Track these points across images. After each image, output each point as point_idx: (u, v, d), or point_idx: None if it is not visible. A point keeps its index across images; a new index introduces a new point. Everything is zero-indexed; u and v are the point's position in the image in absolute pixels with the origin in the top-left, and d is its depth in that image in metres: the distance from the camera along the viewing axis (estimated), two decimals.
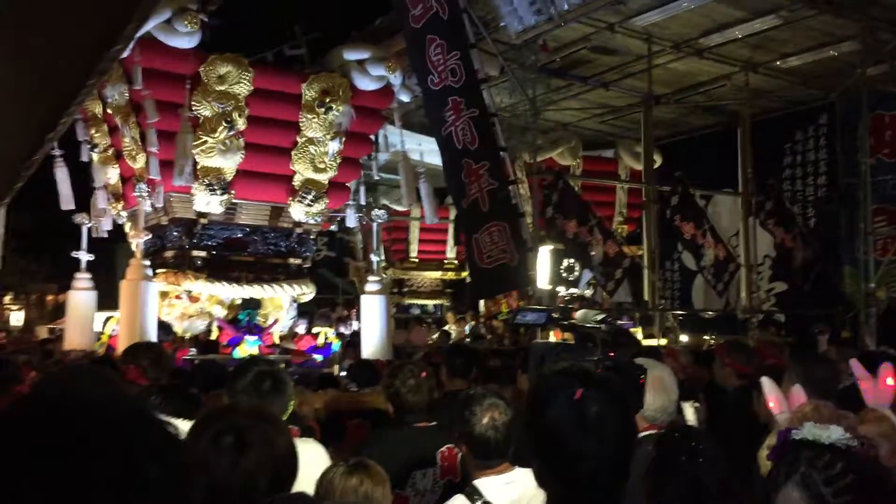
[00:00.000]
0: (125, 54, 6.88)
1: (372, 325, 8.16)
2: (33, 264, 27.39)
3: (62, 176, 8.05)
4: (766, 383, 2.70)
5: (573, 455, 1.66)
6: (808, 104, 13.41)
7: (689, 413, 3.39)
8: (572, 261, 5.08)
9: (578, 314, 2.65)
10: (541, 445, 1.74)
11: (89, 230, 8.25)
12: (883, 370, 2.83)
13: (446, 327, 13.75)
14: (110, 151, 8.16)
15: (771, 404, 2.61)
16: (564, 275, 5.09)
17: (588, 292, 10.79)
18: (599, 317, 2.71)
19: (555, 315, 2.92)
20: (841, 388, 3.76)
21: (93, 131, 8.14)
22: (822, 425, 1.44)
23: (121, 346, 6.90)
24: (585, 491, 1.68)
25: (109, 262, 8.81)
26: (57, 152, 7.71)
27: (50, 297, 30.47)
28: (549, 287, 7.52)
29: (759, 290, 13.33)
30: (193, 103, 7.16)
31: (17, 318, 27.08)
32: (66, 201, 8.14)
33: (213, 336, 7.61)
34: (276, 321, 7.90)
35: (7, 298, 27.41)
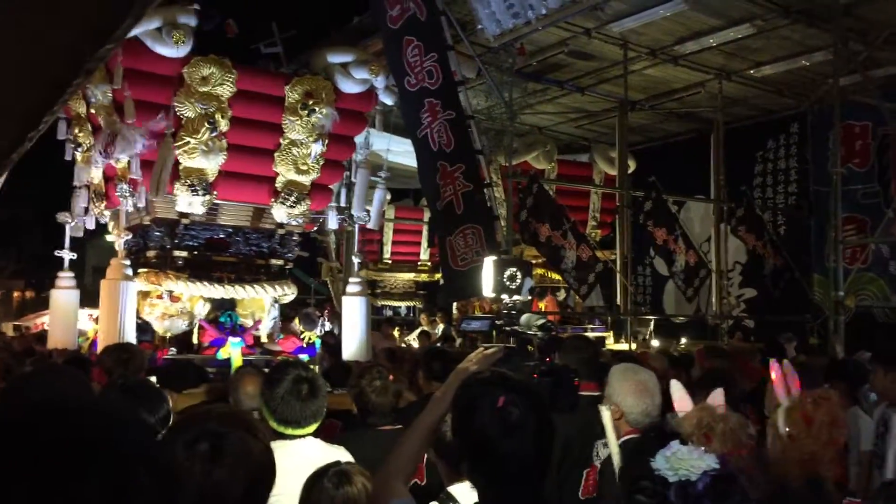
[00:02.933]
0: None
1: (353, 326, 8.12)
2: (0, 259, 26.97)
3: None
4: (674, 386, 2.76)
5: (499, 457, 1.87)
6: (779, 113, 13.60)
7: (605, 416, 3.39)
8: (514, 269, 5.18)
9: (522, 319, 2.71)
10: (469, 449, 1.95)
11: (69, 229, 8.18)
12: (772, 368, 2.89)
13: (422, 328, 13.74)
14: (93, 151, 8.08)
15: (676, 406, 2.67)
16: (507, 283, 5.17)
17: (529, 298, 10.84)
18: (541, 321, 2.76)
19: (498, 322, 2.98)
20: None
21: (76, 130, 8.06)
22: (668, 457, 1.61)
23: (101, 346, 6.85)
24: (511, 486, 1.88)
25: (79, 259, 8.68)
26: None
27: (17, 293, 30.03)
28: (493, 295, 7.62)
29: (729, 296, 13.47)
30: (176, 104, 7.08)
31: None
32: None
33: (195, 338, 7.54)
34: (259, 321, 7.85)
35: None
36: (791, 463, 2.74)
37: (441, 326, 13.64)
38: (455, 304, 13.47)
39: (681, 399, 2.67)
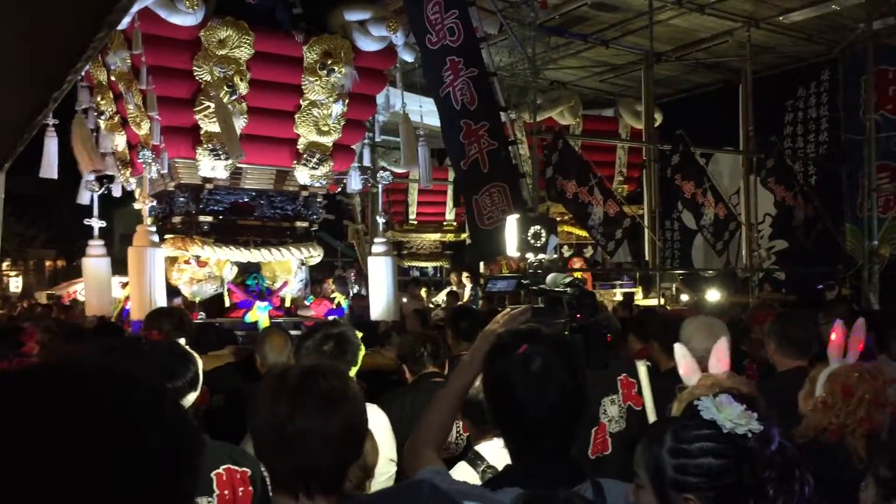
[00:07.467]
0: (124, 24, 6.80)
1: (379, 286, 8.18)
2: (31, 229, 27.27)
3: (52, 145, 8.01)
4: (678, 349, 2.68)
5: (519, 406, 1.79)
6: (809, 60, 13.29)
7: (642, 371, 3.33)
8: (538, 227, 5.11)
9: (549, 278, 2.70)
10: (491, 398, 1.88)
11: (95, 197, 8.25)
12: (833, 328, 2.79)
13: (450, 288, 13.75)
14: (116, 118, 8.11)
15: (681, 370, 2.59)
16: (532, 241, 5.10)
17: (555, 257, 10.80)
18: (567, 280, 2.75)
19: (524, 281, 2.97)
20: None
21: (99, 98, 8.09)
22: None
23: (133, 313, 6.92)
24: (534, 439, 1.81)
25: (107, 227, 8.77)
26: (50, 121, 7.66)
27: (48, 263, 30.43)
28: (518, 254, 7.51)
29: (759, 249, 13.32)
30: (194, 68, 7.06)
31: (15, 283, 27.05)
32: (49, 169, 8.11)
33: (226, 300, 7.62)
34: (285, 283, 7.88)
35: (5, 265, 27.32)
36: (810, 427, 2.65)
37: (469, 286, 13.65)
38: (483, 263, 13.45)
39: (687, 365, 2.57)
